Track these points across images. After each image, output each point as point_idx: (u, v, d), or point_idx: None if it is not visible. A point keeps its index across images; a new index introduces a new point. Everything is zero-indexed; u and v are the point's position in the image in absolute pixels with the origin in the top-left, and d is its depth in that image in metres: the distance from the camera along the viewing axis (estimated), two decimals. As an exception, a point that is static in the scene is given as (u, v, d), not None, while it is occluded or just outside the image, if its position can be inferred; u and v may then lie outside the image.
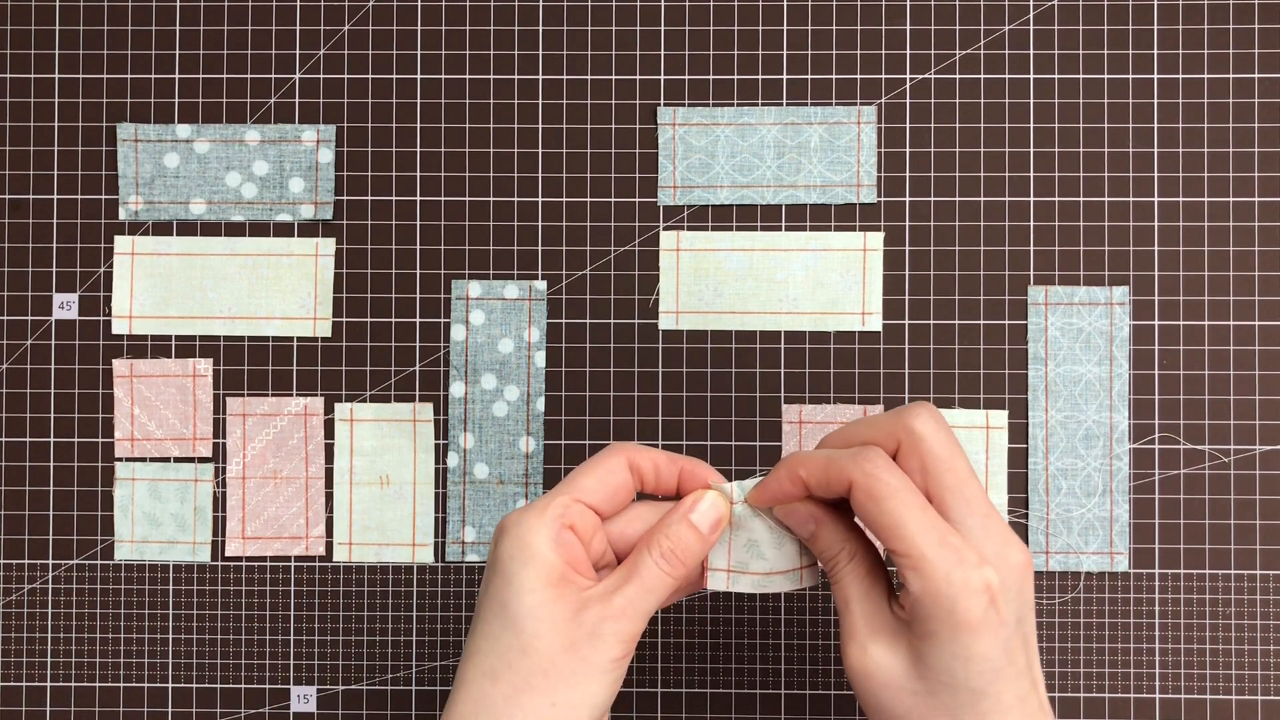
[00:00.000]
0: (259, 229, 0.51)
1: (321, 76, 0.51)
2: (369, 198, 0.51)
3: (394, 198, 0.51)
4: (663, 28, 0.51)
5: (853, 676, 0.38)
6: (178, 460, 0.51)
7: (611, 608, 0.37)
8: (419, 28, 0.51)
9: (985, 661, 0.36)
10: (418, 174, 0.51)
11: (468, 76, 0.51)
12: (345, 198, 0.51)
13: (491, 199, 0.51)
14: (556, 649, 0.37)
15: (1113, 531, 0.50)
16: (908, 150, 0.51)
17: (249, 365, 0.51)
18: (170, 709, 0.51)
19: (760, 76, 0.51)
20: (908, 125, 0.51)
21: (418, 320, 0.51)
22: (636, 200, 0.51)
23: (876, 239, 0.51)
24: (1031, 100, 0.51)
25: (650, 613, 0.38)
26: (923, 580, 0.36)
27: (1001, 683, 0.36)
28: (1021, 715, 0.37)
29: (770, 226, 0.51)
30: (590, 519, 0.39)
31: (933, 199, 0.51)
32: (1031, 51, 0.51)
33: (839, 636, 0.40)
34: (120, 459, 0.51)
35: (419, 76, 0.51)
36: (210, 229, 0.51)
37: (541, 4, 0.51)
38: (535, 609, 0.37)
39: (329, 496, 0.51)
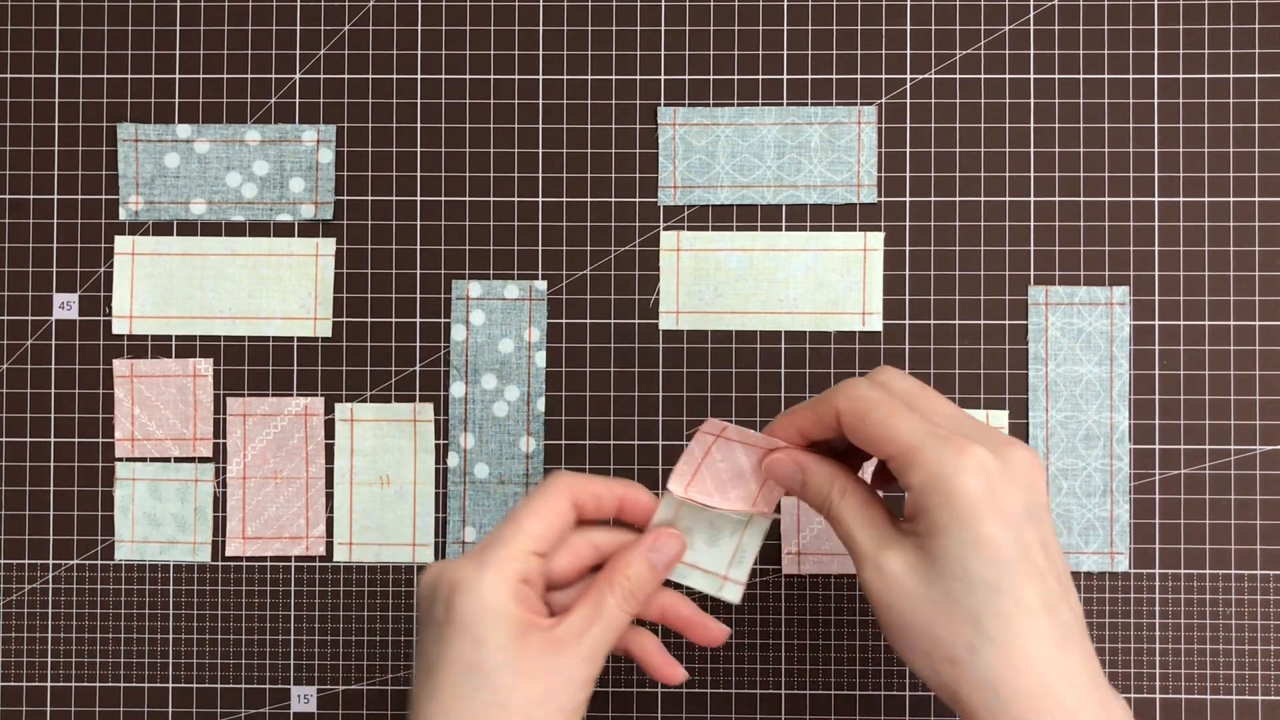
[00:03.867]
0: (259, 229, 0.51)
1: (321, 76, 0.51)
2: (369, 198, 0.51)
3: (394, 198, 0.51)
4: (663, 28, 0.51)
5: (874, 599, 0.37)
6: (178, 460, 0.51)
7: (582, 650, 0.38)
8: (419, 28, 0.51)
9: (995, 548, 0.35)
10: (418, 174, 0.51)
11: (468, 76, 0.51)
12: (345, 198, 0.51)
13: (491, 199, 0.51)
14: (533, 699, 0.37)
15: (1113, 531, 0.50)
16: (908, 150, 0.51)
17: (249, 365, 0.51)
18: (170, 709, 0.51)
19: (760, 76, 0.51)
20: (908, 125, 0.51)
21: (418, 320, 0.51)
22: (637, 200, 0.51)
23: (877, 239, 0.51)
24: (1031, 100, 0.51)
25: (610, 650, 0.39)
26: (919, 471, 0.36)
27: (1019, 578, 0.35)
28: (1052, 627, 0.35)
29: (770, 226, 0.51)
30: (539, 564, 0.39)
31: (933, 199, 0.51)
32: (1031, 51, 0.51)
33: (856, 576, 0.40)
34: (120, 459, 0.51)
35: (419, 76, 0.51)
36: (210, 229, 0.51)
37: (541, 4, 0.51)
38: (510, 664, 0.37)
39: (329, 496, 0.51)
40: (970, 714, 0.36)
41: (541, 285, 0.51)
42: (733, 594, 0.42)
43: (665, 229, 0.51)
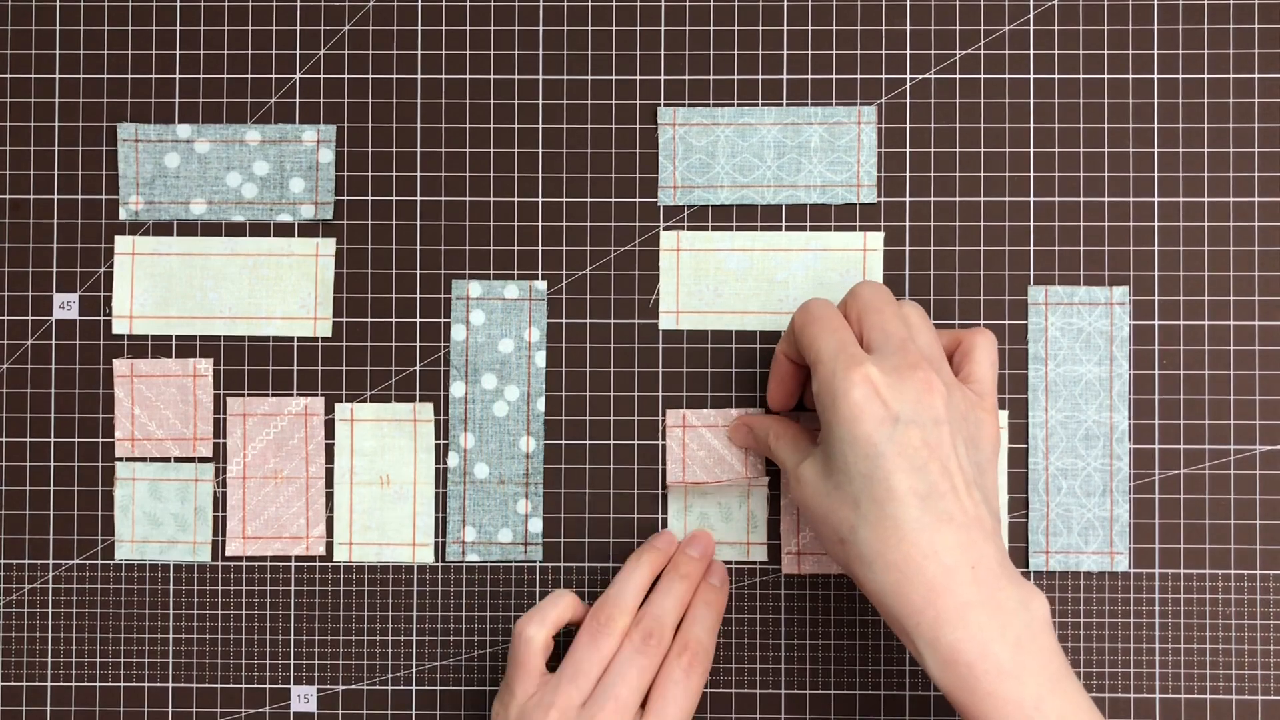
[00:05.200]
0: (259, 229, 0.51)
1: (321, 76, 0.51)
2: (369, 198, 0.51)
3: (394, 198, 0.51)
4: (663, 28, 0.51)
5: (797, 503, 0.45)
6: (178, 460, 0.51)
7: None
8: (419, 28, 0.51)
9: (869, 444, 0.41)
10: (418, 174, 0.51)
11: (468, 76, 0.51)
12: (345, 198, 0.51)
13: (491, 199, 0.51)
14: None
15: (1113, 531, 0.50)
16: (908, 150, 0.51)
17: (249, 365, 0.51)
18: (170, 709, 0.51)
19: (760, 76, 0.51)
20: (908, 125, 0.51)
21: (418, 320, 0.51)
22: (636, 200, 0.51)
23: (876, 239, 0.51)
24: (1031, 100, 0.51)
25: None
26: (818, 379, 0.42)
27: (891, 470, 0.40)
28: (924, 512, 0.40)
29: (770, 226, 0.51)
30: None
31: (933, 199, 0.51)
32: (1031, 51, 0.51)
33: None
34: (120, 459, 0.51)
35: (419, 76, 0.51)
36: (210, 229, 0.51)
37: (541, 4, 0.51)
38: None
39: (329, 496, 0.51)
40: (861, 586, 0.42)
41: (541, 285, 0.51)
42: (760, 553, 0.50)
43: (665, 229, 0.51)
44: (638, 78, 0.51)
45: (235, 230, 0.51)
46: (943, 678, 0.40)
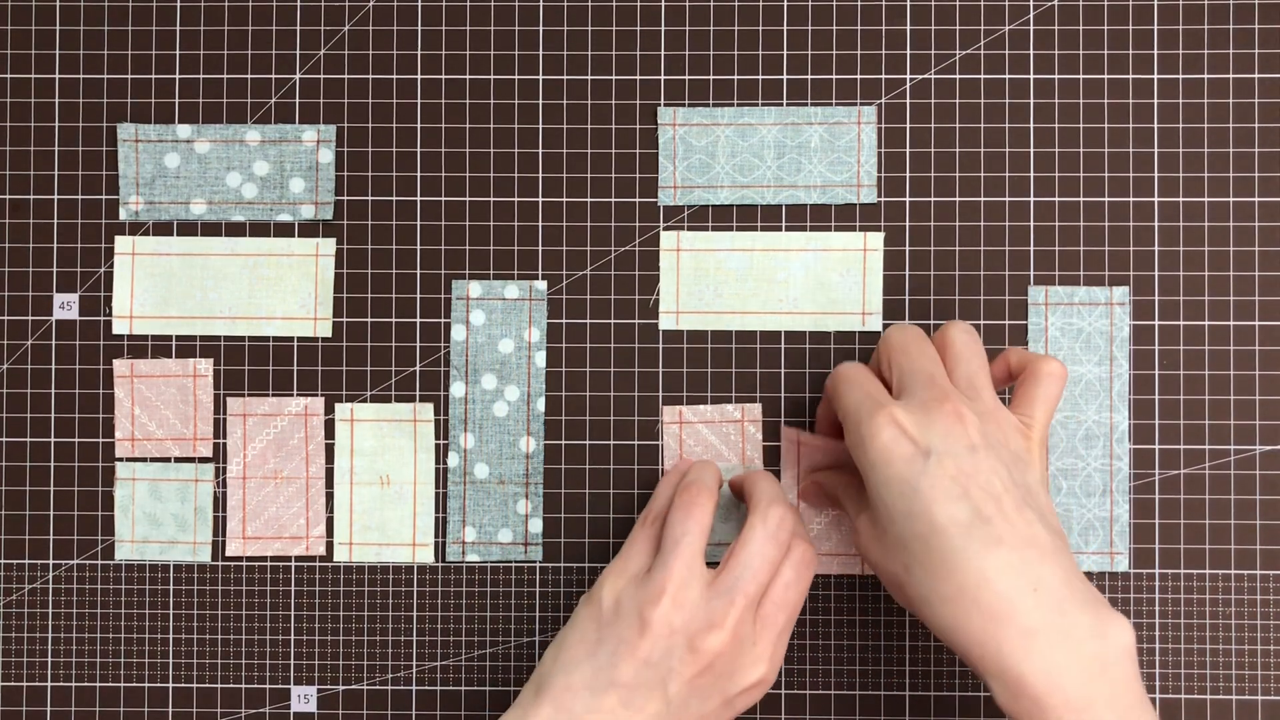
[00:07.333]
0: (259, 229, 0.51)
1: (321, 76, 0.51)
2: (369, 198, 0.51)
3: (394, 198, 0.51)
4: (663, 28, 0.51)
5: (861, 555, 0.46)
6: (178, 460, 0.51)
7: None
8: (419, 28, 0.51)
9: (902, 483, 0.40)
10: (418, 174, 0.51)
11: (468, 76, 0.51)
12: (345, 198, 0.51)
13: (491, 199, 0.51)
14: None
15: (1113, 531, 0.50)
16: (908, 150, 0.51)
17: (249, 365, 0.51)
18: (170, 709, 0.51)
19: (760, 76, 0.51)
20: (908, 125, 0.51)
21: (418, 320, 0.51)
22: (636, 200, 0.51)
23: (876, 239, 0.51)
24: (1031, 100, 0.51)
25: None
26: (848, 433, 0.43)
27: (929, 503, 0.40)
28: (969, 539, 0.39)
29: (770, 226, 0.51)
30: None
31: (933, 199, 0.51)
32: (1031, 51, 0.51)
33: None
34: (121, 459, 0.51)
35: (419, 76, 0.51)
36: (211, 229, 0.51)
37: (541, 4, 0.51)
38: None
39: (329, 496, 0.51)
40: (927, 626, 0.42)
41: (541, 285, 0.51)
42: None
43: (665, 229, 0.51)
44: (638, 78, 0.51)
45: (235, 230, 0.51)
46: (1013, 710, 0.38)
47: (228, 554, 0.51)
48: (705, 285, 0.51)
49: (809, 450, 0.50)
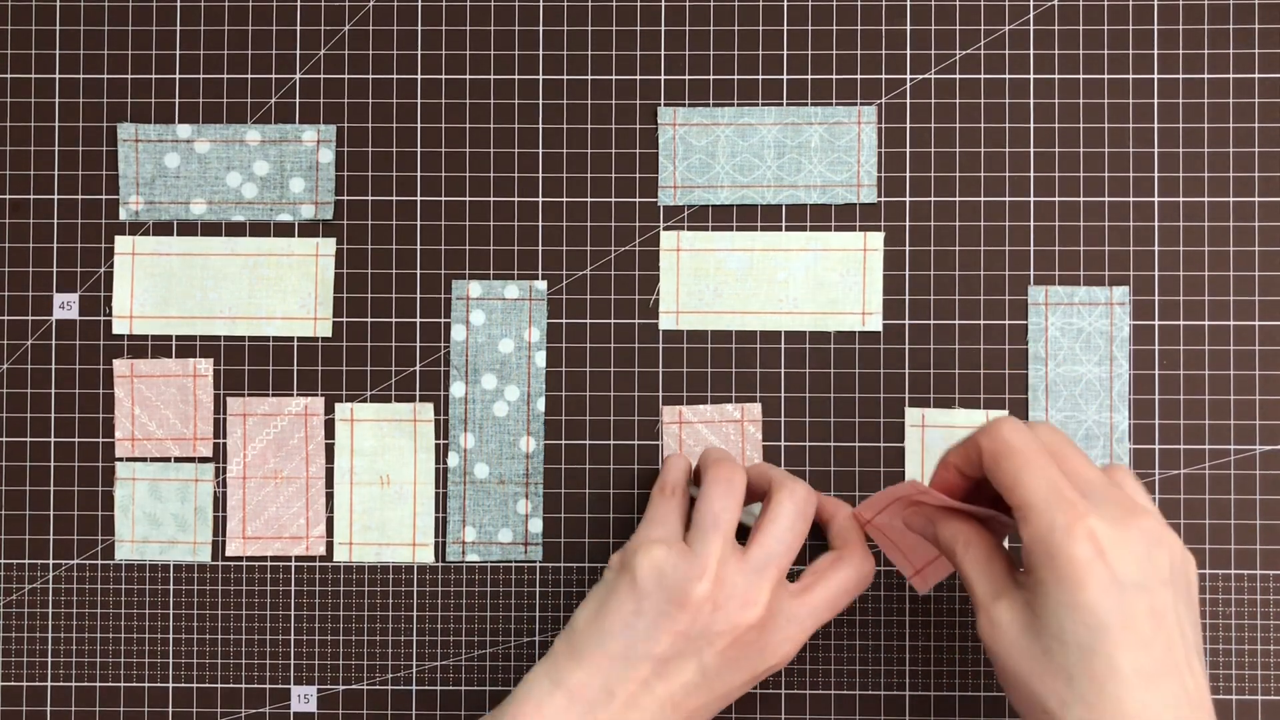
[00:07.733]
0: (259, 229, 0.51)
1: (321, 76, 0.51)
2: (369, 198, 0.51)
3: (394, 198, 0.51)
4: (663, 28, 0.51)
5: (985, 646, 0.40)
6: (178, 460, 0.51)
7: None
8: (419, 28, 0.51)
9: (1091, 614, 0.36)
10: (418, 174, 0.51)
11: (468, 76, 0.51)
12: (345, 198, 0.51)
13: (491, 199, 0.51)
14: None
15: (1113, 531, 0.50)
16: (908, 150, 0.51)
17: (249, 365, 0.51)
18: (170, 709, 0.51)
19: (760, 76, 0.51)
20: (908, 125, 0.51)
21: (418, 320, 0.51)
22: (636, 200, 0.51)
23: (876, 239, 0.51)
24: (1031, 100, 0.51)
25: None
26: (1030, 529, 0.38)
27: (1115, 645, 0.36)
28: (1147, 694, 0.36)
29: (770, 226, 0.51)
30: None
31: (933, 199, 0.51)
32: (1031, 51, 0.51)
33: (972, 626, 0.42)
34: (120, 459, 0.51)
35: (419, 76, 0.51)
36: (211, 229, 0.51)
37: (541, 4, 0.51)
38: None
39: (329, 496, 0.51)
40: None
41: (541, 285, 0.51)
42: None
43: (665, 229, 0.51)
44: (638, 78, 0.51)
45: (235, 230, 0.51)
46: None
47: (228, 554, 0.51)
48: (705, 285, 0.51)
49: (915, 513, 0.44)
